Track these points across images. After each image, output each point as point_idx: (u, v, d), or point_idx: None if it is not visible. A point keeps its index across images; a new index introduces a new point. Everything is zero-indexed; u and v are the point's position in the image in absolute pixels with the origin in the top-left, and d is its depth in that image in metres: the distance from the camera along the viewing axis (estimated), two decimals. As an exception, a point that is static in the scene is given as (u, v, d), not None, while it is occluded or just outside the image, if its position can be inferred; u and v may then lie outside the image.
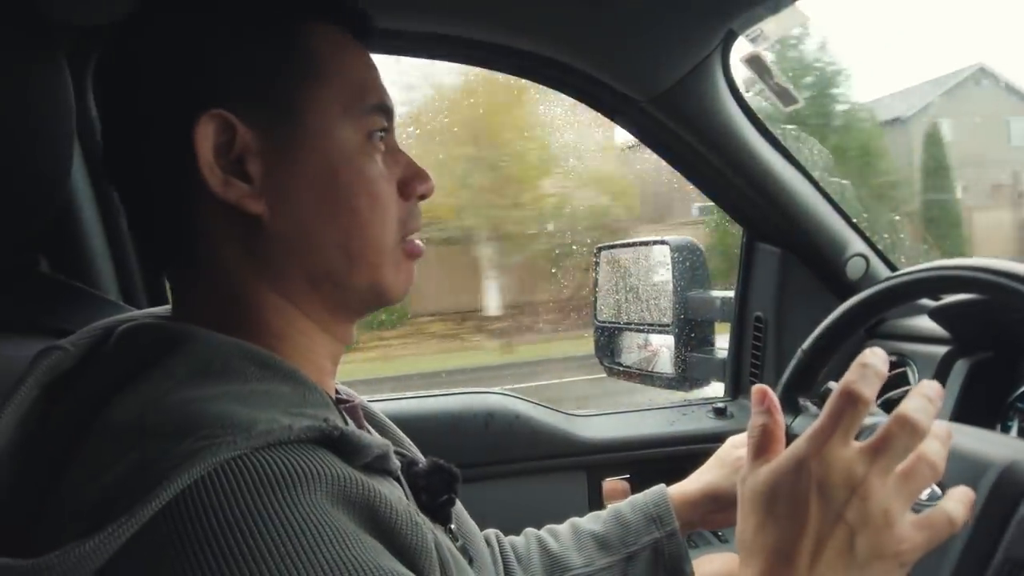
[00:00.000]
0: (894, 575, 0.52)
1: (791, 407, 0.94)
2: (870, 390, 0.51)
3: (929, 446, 0.51)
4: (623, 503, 0.87)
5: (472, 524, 0.76)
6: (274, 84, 0.54)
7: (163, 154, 0.53)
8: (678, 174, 1.31)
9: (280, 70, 0.54)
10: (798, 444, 0.53)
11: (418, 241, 0.62)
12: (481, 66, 1.18)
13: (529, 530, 0.87)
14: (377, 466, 0.52)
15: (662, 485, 0.87)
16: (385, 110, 0.59)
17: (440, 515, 0.63)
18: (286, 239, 0.55)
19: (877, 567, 0.51)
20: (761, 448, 0.56)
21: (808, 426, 0.52)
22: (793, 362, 0.95)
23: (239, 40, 0.54)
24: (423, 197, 0.62)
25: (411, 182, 0.61)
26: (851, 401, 0.51)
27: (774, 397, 0.57)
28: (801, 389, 0.95)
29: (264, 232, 0.54)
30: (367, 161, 0.57)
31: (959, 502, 0.51)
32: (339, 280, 0.57)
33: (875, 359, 0.52)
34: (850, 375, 0.52)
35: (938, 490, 0.72)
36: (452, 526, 0.65)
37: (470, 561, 0.65)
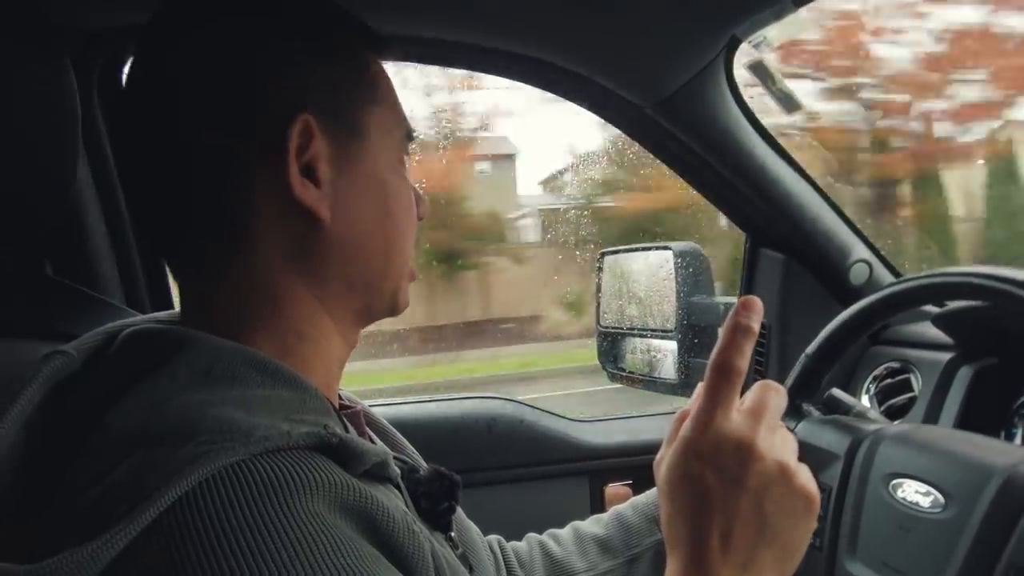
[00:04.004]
0: (808, 525, 0.53)
1: (795, 412, 0.94)
2: (742, 359, 0.53)
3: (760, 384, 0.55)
4: (624, 505, 0.87)
5: (474, 531, 0.76)
6: (347, 100, 0.58)
7: (231, 153, 0.54)
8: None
9: (354, 88, 0.59)
10: (684, 428, 0.54)
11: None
12: (485, 72, 1.18)
13: (531, 535, 0.87)
14: (376, 473, 0.52)
15: None
16: (412, 137, 0.65)
17: (440, 523, 0.63)
18: (341, 243, 0.58)
19: (790, 524, 0.52)
20: (672, 433, 0.58)
21: (812, 431, 0.52)
22: (797, 367, 0.95)
23: (323, 58, 0.58)
24: (420, 218, 0.67)
25: (418, 203, 0.66)
26: (724, 373, 0.53)
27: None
28: (805, 394, 0.95)
29: (321, 235, 0.57)
30: (402, 179, 0.63)
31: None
32: (372, 285, 0.61)
33: (746, 318, 0.53)
34: (721, 345, 0.54)
35: (941, 497, 0.72)
36: (453, 534, 0.65)
37: (470, 569, 0.65)
